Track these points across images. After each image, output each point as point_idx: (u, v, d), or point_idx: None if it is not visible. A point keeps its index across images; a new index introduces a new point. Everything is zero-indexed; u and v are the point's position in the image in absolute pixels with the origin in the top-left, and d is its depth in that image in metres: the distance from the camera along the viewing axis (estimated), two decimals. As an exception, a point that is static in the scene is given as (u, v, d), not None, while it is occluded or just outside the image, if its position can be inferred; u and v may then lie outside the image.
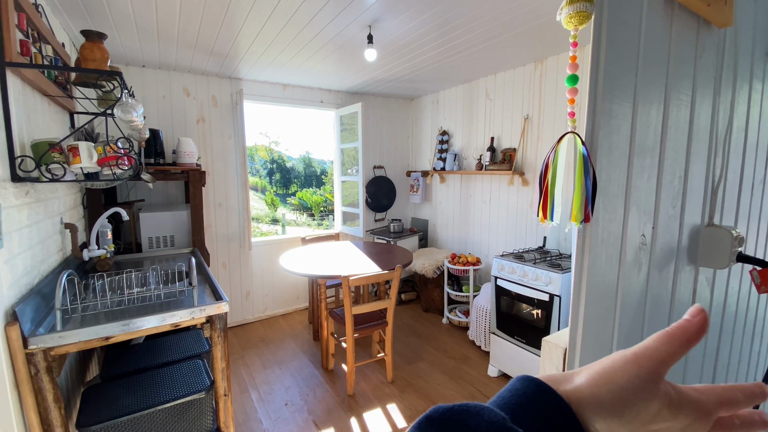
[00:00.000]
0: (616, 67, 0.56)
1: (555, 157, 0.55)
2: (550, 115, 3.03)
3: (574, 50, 0.53)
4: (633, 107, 0.60)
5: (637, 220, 0.66)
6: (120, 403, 1.49)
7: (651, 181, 0.67)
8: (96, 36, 1.58)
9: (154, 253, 2.58)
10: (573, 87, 0.54)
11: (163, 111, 3.21)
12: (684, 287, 0.81)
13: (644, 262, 0.69)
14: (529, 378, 0.28)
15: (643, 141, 0.64)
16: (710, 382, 1.04)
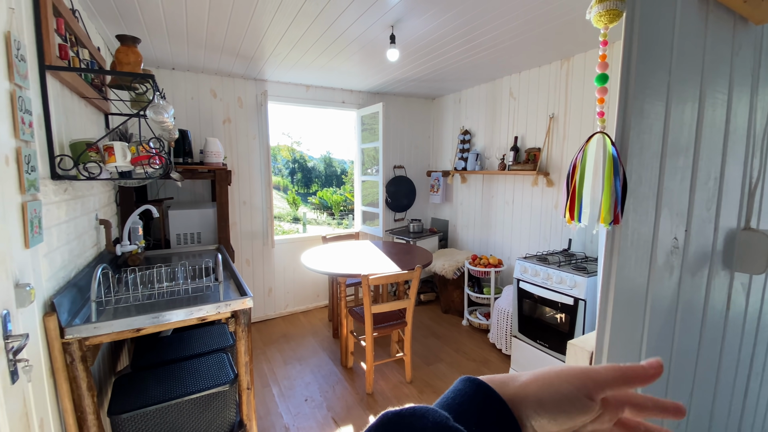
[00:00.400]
0: (649, 65, 0.54)
1: (583, 158, 0.54)
2: (577, 113, 2.95)
3: (603, 49, 0.51)
4: (666, 106, 0.58)
5: (669, 222, 0.63)
6: (149, 393, 1.55)
7: (684, 183, 0.65)
8: (130, 40, 1.66)
9: (182, 249, 2.67)
10: (603, 86, 0.53)
11: (191, 112, 3.31)
12: (718, 293, 0.77)
13: (676, 266, 0.66)
14: (470, 378, 0.31)
15: (677, 141, 0.62)
16: (743, 391, 1.00)
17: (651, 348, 0.64)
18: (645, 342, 0.63)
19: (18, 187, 1.12)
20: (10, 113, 1.10)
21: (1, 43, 1.06)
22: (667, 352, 0.68)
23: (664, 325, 0.66)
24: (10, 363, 0.95)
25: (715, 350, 0.80)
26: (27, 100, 1.19)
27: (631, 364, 0.30)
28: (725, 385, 0.86)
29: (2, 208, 0.97)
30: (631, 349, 0.62)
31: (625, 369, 0.30)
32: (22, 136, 1.14)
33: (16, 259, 1.08)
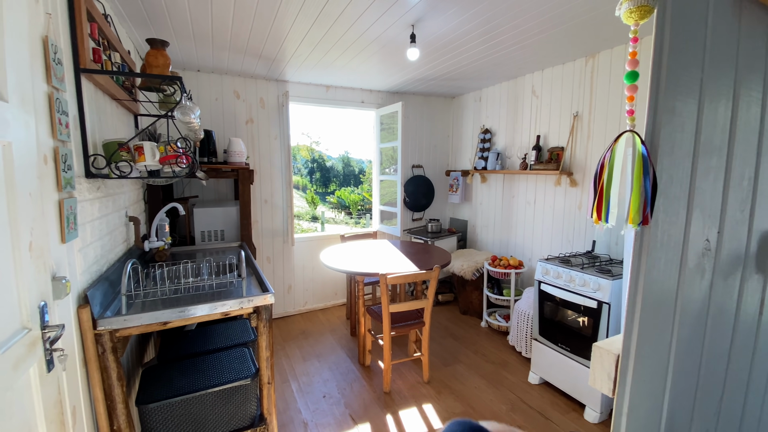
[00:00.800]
0: (681, 62, 0.52)
1: (611, 157, 0.53)
2: (602, 112, 2.88)
3: (634, 46, 0.50)
4: (699, 104, 0.56)
5: (700, 223, 0.61)
6: (175, 384, 1.61)
7: (717, 183, 0.62)
8: (159, 44, 1.71)
9: (206, 246, 2.75)
10: (633, 84, 0.52)
11: (215, 112, 3.40)
12: (751, 297, 0.74)
13: (708, 269, 0.64)
14: (459, 422, 0.31)
15: (710, 140, 0.59)
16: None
17: (680, 352, 0.62)
18: (673, 346, 0.61)
19: (55, 185, 1.17)
20: (49, 114, 1.16)
21: (39, 47, 1.12)
22: (697, 357, 0.66)
23: (694, 330, 0.64)
24: (47, 352, 1.00)
25: (747, 356, 0.77)
26: (64, 101, 1.25)
27: None
28: (756, 393, 0.82)
29: (41, 205, 1.02)
30: (659, 353, 0.60)
31: None
32: (59, 136, 1.19)
33: (53, 254, 1.13)
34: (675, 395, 0.61)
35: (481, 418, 2.31)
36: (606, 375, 0.59)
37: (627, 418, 0.55)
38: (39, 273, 0.98)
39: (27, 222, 0.92)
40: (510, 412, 2.38)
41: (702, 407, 0.67)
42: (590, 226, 3.00)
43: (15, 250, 0.87)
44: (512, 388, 2.64)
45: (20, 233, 0.88)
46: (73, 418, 1.20)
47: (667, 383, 0.60)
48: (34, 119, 0.99)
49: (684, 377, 0.64)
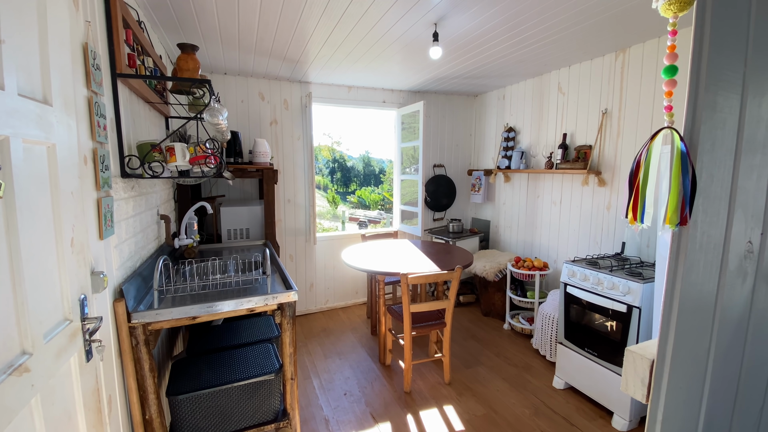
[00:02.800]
0: (722, 56, 0.50)
1: (648, 155, 0.51)
2: (633, 108, 2.77)
3: (672, 39, 0.48)
4: (741, 99, 0.53)
5: (743, 224, 0.58)
6: (203, 377, 1.66)
7: (761, 182, 0.59)
8: (190, 48, 1.77)
9: (232, 244, 2.82)
10: (671, 78, 0.50)
11: (241, 114, 3.48)
12: (800, 304, 0.70)
13: (750, 273, 0.61)
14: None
15: (753, 136, 0.56)
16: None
17: (718, 359, 0.59)
18: (712, 353, 0.58)
19: (94, 184, 1.23)
20: (88, 117, 1.22)
21: (80, 53, 1.18)
22: (737, 364, 0.63)
23: (734, 336, 0.61)
24: (86, 343, 1.05)
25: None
26: (102, 105, 1.31)
27: None
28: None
29: (82, 203, 1.08)
30: (696, 360, 0.58)
31: None
32: (98, 138, 1.25)
33: (92, 249, 1.19)
34: (713, 404, 0.58)
35: (503, 421, 2.28)
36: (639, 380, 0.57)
37: (661, 425, 0.53)
38: (79, 267, 1.03)
39: (69, 219, 0.97)
40: (533, 416, 2.33)
41: (741, 418, 0.64)
42: (619, 227, 2.90)
43: (58, 246, 0.92)
44: (536, 392, 2.59)
45: (63, 230, 0.93)
46: (109, 406, 1.26)
47: (704, 391, 0.58)
48: (75, 122, 1.04)
49: (723, 386, 0.61)
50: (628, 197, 0.53)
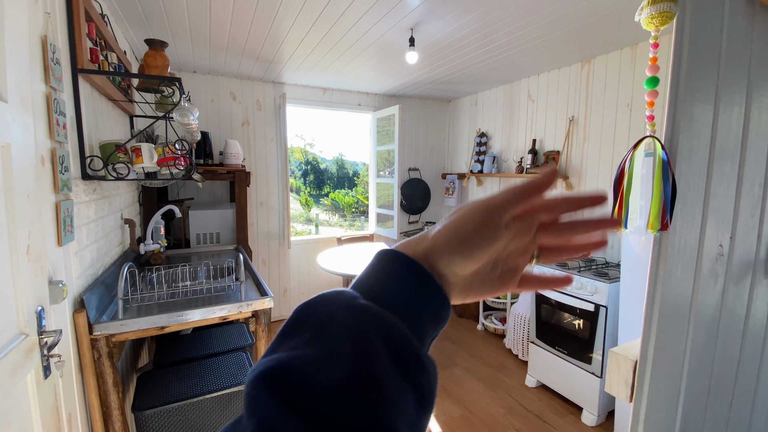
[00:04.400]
0: (699, 69, 0.52)
1: (631, 163, 0.53)
2: (598, 116, 2.91)
3: (654, 51, 0.50)
4: (714, 110, 0.57)
5: (715, 229, 0.61)
6: (171, 390, 1.58)
7: (730, 188, 0.63)
8: (158, 44, 1.69)
9: (201, 249, 2.72)
10: (653, 89, 0.52)
11: (211, 114, 3.37)
12: (760, 302, 0.75)
13: (720, 275, 0.64)
14: (381, 251, 0.30)
15: (724, 146, 0.60)
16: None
17: (694, 357, 0.62)
18: (688, 351, 0.61)
19: (52, 187, 1.15)
20: (47, 115, 1.13)
21: (38, 47, 1.10)
22: (709, 362, 0.66)
23: (707, 334, 0.64)
24: (44, 358, 0.97)
25: (755, 360, 0.77)
26: (61, 102, 1.23)
27: (526, 180, 0.29)
28: (764, 397, 0.83)
29: (38, 207, 1.00)
30: (675, 359, 0.60)
31: (521, 185, 0.29)
32: (57, 137, 1.17)
33: (50, 257, 1.11)
34: (689, 401, 0.61)
35: (479, 421, 2.31)
36: (623, 381, 0.59)
37: (644, 424, 0.55)
38: (36, 277, 0.96)
39: (25, 225, 0.90)
40: (508, 415, 2.38)
41: (713, 412, 0.67)
42: (586, 230, 3.02)
43: (13, 254, 0.85)
44: (509, 391, 2.64)
45: (18, 236, 0.86)
46: (69, 425, 1.17)
47: (681, 389, 0.60)
48: (32, 120, 0.96)
49: (697, 383, 0.64)
50: (612, 204, 0.54)
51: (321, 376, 0.22)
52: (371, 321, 0.25)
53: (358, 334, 0.24)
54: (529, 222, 0.30)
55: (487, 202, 0.30)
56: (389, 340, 0.25)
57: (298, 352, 0.24)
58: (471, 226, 0.29)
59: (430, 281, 0.29)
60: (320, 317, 0.26)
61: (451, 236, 0.29)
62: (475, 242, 0.29)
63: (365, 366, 0.23)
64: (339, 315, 0.25)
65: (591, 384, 2.27)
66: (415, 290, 0.28)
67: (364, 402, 0.22)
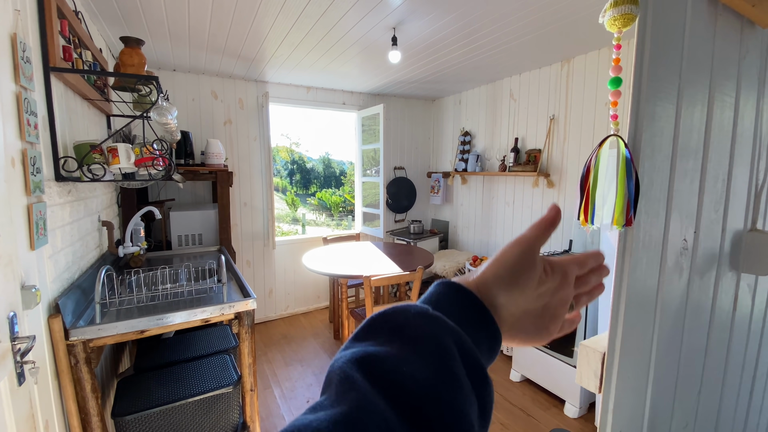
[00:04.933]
0: (660, 69, 0.54)
1: (597, 161, 0.55)
2: (578, 115, 2.97)
3: (617, 53, 0.52)
4: (676, 109, 0.59)
5: (678, 224, 0.64)
6: (153, 395, 1.55)
7: (693, 185, 0.65)
8: (134, 42, 1.66)
9: (183, 251, 2.67)
10: (616, 90, 0.53)
11: (192, 113, 3.31)
12: (725, 294, 0.78)
13: (685, 268, 0.67)
14: (440, 281, 0.34)
15: (687, 143, 0.62)
16: (749, 391, 1.00)
17: (661, 348, 0.64)
18: (655, 343, 0.63)
19: (24, 189, 1.12)
20: (16, 115, 1.10)
21: (7, 45, 1.06)
22: (676, 352, 0.69)
23: (674, 326, 0.66)
24: (17, 365, 0.95)
25: (722, 351, 0.81)
26: (32, 101, 1.19)
27: (539, 218, 0.36)
28: (731, 386, 0.87)
29: (9, 210, 0.97)
30: (642, 351, 0.62)
31: (537, 222, 0.36)
32: (27, 138, 1.14)
33: (22, 261, 1.07)
34: (657, 391, 0.63)
35: (465, 417, 2.34)
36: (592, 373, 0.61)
37: (613, 414, 0.57)
38: (7, 282, 0.93)
39: (-7, 228, 0.87)
40: (494, 410, 2.41)
41: (682, 402, 0.70)
42: (567, 226, 3.08)
43: (-19, 259, 0.82)
44: (495, 386, 2.67)
45: (-14, 241, 0.83)
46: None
47: (649, 379, 0.63)
48: (1, 120, 0.93)
49: (665, 373, 0.66)
50: (579, 200, 0.56)
51: (407, 368, 0.24)
52: (445, 328, 0.28)
53: (437, 336, 0.27)
54: (569, 277, 0.37)
55: (520, 238, 0.36)
56: (460, 348, 0.27)
57: (381, 348, 0.26)
58: (512, 258, 0.34)
59: (485, 311, 0.31)
60: (395, 323, 0.28)
61: (497, 268, 0.34)
62: (517, 270, 0.34)
63: (449, 364, 0.25)
64: (415, 321, 0.28)
65: (572, 377, 2.32)
66: (471, 318, 0.31)
67: (451, 396, 0.24)
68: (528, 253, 0.34)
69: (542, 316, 0.35)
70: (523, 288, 0.34)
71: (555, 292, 0.36)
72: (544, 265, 0.36)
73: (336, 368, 0.25)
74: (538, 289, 0.35)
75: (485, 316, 0.31)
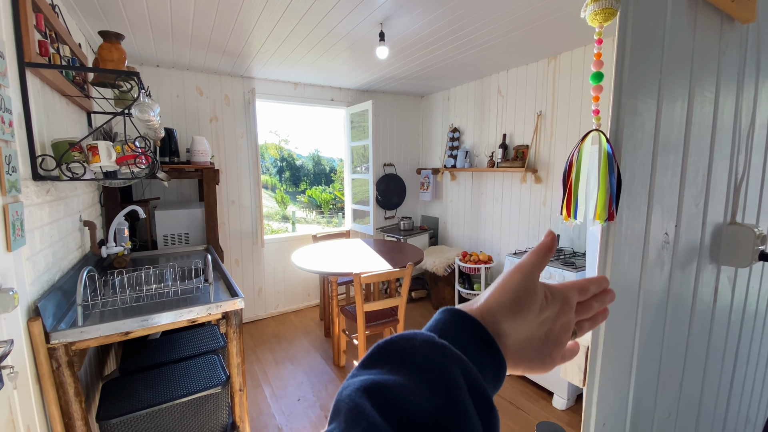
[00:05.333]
0: (641, 64, 0.55)
1: (579, 155, 0.55)
2: (564, 111, 2.99)
3: (599, 47, 0.52)
4: (657, 104, 0.59)
5: (660, 218, 0.64)
6: (139, 397, 1.53)
7: (674, 179, 0.66)
8: (114, 37, 1.61)
9: (169, 251, 2.63)
10: (598, 84, 0.53)
11: (177, 110, 3.25)
12: (705, 286, 0.79)
13: (667, 261, 0.68)
14: (445, 308, 0.34)
15: (668, 138, 0.63)
16: (729, 381, 1.03)
17: (643, 342, 0.65)
18: (637, 336, 0.64)
19: (-2, 189, 1.08)
20: (-11, 112, 1.06)
21: (-22, 39, 1.02)
22: (658, 345, 0.70)
23: (656, 319, 0.67)
24: (-6, 370, 0.92)
25: (703, 343, 0.82)
26: (6, 98, 1.15)
27: (537, 245, 0.37)
28: (712, 377, 0.89)
29: (-18, 211, 0.94)
30: (625, 344, 0.63)
31: (535, 248, 0.36)
32: (2, 136, 1.10)
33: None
34: (640, 383, 0.64)
35: (455, 411, 2.36)
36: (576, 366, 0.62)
37: (597, 407, 0.57)
38: (-19, 285, 0.90)
39: (-35, 230, 0.84)
40: (483, 404, 2.44)
41: (664, 392, 0.71)
42: (554, 221, 3.12)
43: (-48, 262, 0.79)
44: (485, 380, 2.70)
45: (-43, 242, 0.80)
46: (26, 439, 1.11)
47: (632, 372, 0.63)
48: (-29, 117, 0.90)
49: (647, 366, 0.67)
50: (562, 195, 0.56)
51: (415, 397, 0.25)
52: (452, 356, 0.28)
53: (444, 366, 0.27)
54: (570, 303, 0.37)
55: (520, 264, 0.36)
56: (467, 377, 0.27)
57: (389, 376, 0.26)
58: (513, 284, 0.35)
59: (490, 340, 0.32)
60: (402, 350, 0.28)
61: (500, 295, 0.34)
62: (519, 296, 0.34)
63: (456, 394, 0.26)
64: (422, 349, 0.28)
65: (559, 370, 2.36)
66: (477, 347, 0.31)
67: (457, 426, 0.24)
68: (528, 279, 0.35)
69: (545, 342, 0.36)
70: (526, 314, 0.34)
71: (557, 319, 0.36)
72: (545, 292, 0.36)
73: (344, 397, 0.25)
74: (540, 315, 0.35)
75: (491, 345, 0.31)
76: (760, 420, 1.16)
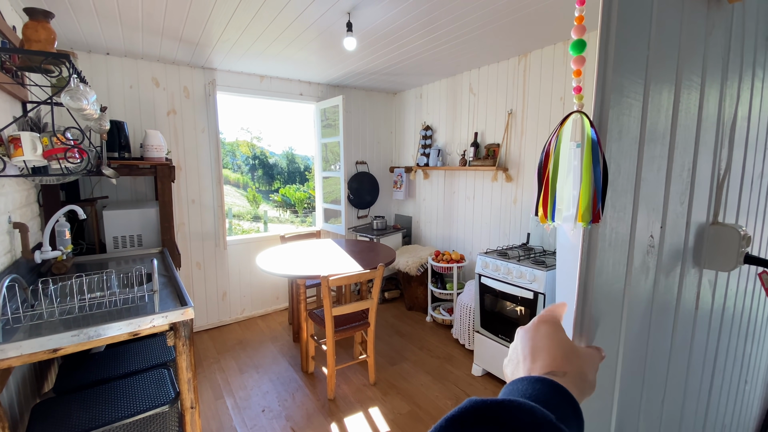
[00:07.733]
0: (628, 35, 0.47)
1: (558, 143, 0.46)
2: (534, 109, 2.98)
3: (580, 9, 0.43)
4: (645, 85, 0.52)
5: (646, 219, 0.57)
6: (72, 420, 1.36)
7: (660, 173, 0.59)
8: (41, 14, 1.42)
9: (120, 254, 2.41)
10: (579, 55, 0.45)
11: (130, 102, 3.01)
12: (688, 292, 0.73)
13: (651, 267, 0.61)
14: (544, 380, 0.36)
15: (655, 125, 0.56)
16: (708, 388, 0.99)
17: (627, 353, 0.58)
18: (621, 347, 0.57)
19: None
20: None
21: None
22: (642, 355, 0.63)
23: (640, 329, 0.61)
24: None
25: (685, 351, 0.77)
26: None
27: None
28: (693, 384, 0.84)
29: None
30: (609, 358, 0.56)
31: (552, 307, 0.47)
32: None
33: None
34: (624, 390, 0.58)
35: (427, 415, 2.29)
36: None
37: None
38: None
39: None
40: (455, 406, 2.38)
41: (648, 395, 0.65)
42: (524, 219, 3.10)
43: None
44: (457, 381, 2.65)
45: None
46: None
47: (616, 382, 0.57)
48: None
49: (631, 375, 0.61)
50: (537, 192, 0.47)
51: None
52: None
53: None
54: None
55: (544, 319, 0.46)
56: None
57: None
58: (558, 335, 0.41)
59: (578, 408, 0.35)
60: (522, 425, 0.28)
61: (549, 348, 0.39)
62: (565, 343, 0.41)
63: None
64: (545, 427, 0.28)
65: (533, 370, 2.33)
66: (573, 412, 0.35)
67: None
68: (559, 326, 0.44)
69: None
70: (575, 355, 0.41)
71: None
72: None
73: None
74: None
75: (577, 412, 0.35)
76: (734, 427, 1.14)
